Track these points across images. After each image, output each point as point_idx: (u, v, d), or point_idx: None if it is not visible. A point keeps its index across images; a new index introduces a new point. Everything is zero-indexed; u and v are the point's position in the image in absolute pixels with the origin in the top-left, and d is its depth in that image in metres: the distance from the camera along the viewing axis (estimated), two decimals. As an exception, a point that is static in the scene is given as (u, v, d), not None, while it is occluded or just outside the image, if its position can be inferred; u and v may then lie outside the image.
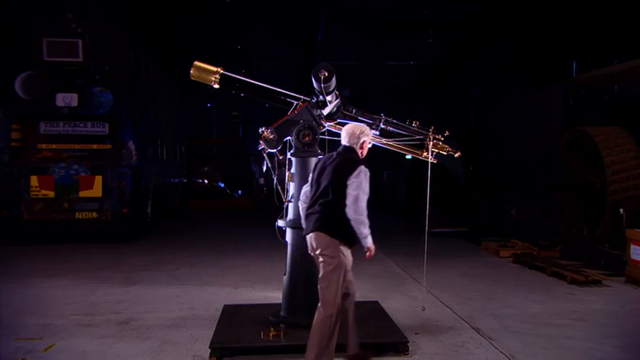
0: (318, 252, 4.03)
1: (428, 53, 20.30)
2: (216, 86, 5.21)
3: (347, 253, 4.04)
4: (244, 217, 16.15)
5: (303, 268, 4.86)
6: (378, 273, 8.05)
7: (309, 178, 4.33)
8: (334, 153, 4.24)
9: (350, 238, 4.00)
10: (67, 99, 10.61)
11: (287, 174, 4.94)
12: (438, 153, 5.06)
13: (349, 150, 4.20)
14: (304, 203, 4.27)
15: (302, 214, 4.29)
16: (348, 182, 3.95)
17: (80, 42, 10.74)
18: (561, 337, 5.01)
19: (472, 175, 15.19)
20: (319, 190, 4.10)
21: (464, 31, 17.44)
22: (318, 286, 4.01)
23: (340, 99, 5.10)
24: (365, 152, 4.28)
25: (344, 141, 4.25)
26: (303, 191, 4.37)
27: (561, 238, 9.52)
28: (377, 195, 22.70)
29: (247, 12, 15.98)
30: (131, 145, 11.06)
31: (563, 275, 7.43)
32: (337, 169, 4.06)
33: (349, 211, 3.91)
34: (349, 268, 4.08)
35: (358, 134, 4.22)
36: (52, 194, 10.45)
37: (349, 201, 3.92)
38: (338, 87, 5.02)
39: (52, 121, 10.64)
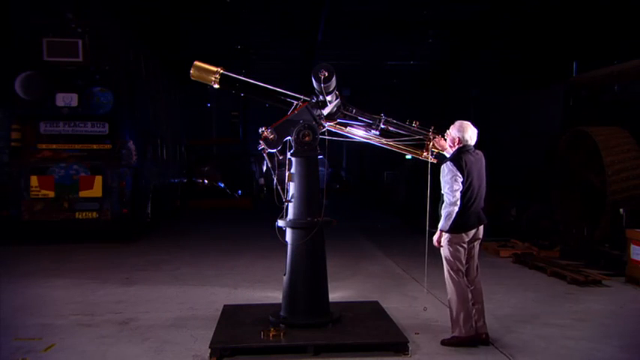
0: (479, 238, 4.81)
1: (428, 53, 20.33)
2: (216, 86, 5.20)
3: None
4: (244, 217, 16.15)
5: (303, 268, 4.86)
6: (379, 273, 8.05)
7: (465, 179, 4.63)
8: (473, 152, 4.76)
9: None
10: (67, 99, 10.61)
11: (287, 174, 4.94)
12: (438, 153, 5.06)
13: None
14: (457, 206, 4.63)
15: (453, 214, 4.62)
16: None
17: (80, 42, 10.73)
18: (561, 337, 5.01)
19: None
20: (481, 188, 4.77)
21: (464, 31, 17.45)
22: (477, 263, 4.84)
23: (340, 99, 5.10)
24: None
25: (473, 140, 4.78)
26: (457, 193, 4.61)
27: (561, 238, 9.51)
28: (377, 195, 22.76)
29: (247, 12, 15.98)
30: (131, 145, 11.05)
31: (563, 275, 7.43)
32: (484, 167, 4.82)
33: None
34: None
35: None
36: (52, 194, 10.44)
37: None
38: (338, 87, 5.02)
39: (52, 121, 10.63)
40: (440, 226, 4.71)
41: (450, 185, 4.62)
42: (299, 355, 4.42)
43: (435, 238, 4.78)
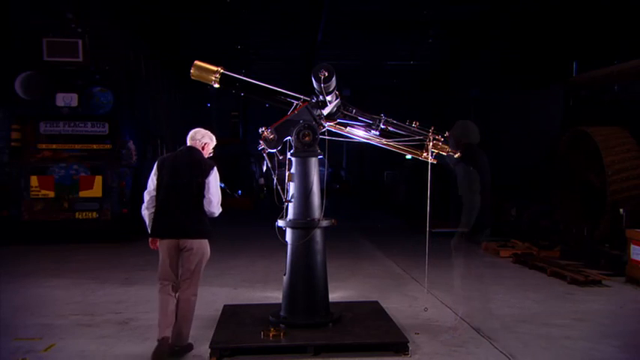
0: None
1: (428, 53, 20.30)
2: (217, 86, 5.19)
3: None
4: (244, 217, 16.15)
5: (303, 268, 4.86)
6: (379, 273, 8.05)
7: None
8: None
9: None
10: (67, 99, 10.62)
11: (287, 174, 4.94)
12: (438, 154, 5.06)
13: None
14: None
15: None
16: None
17: (80, 42, 10.75)
18: (561, 337, 5.01)
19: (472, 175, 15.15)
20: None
21: (464, 31, 17.44)
22: None
23: (340, 99, 5.10)
24: None
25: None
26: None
27: (561, 238, 9.51)
28: (377, 195, 22.73)
29: (247, 12, 15.97)
30: (131, 145, 11.07)
31: (563, 275, 7.43)
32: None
33: None
34: None
35: None
36: (52, 194, 10.45)
37: None
38: (338, 87, 5.01)
39: (52, 121, 10.65)
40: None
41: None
42: (299, 355, 4.42)
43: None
